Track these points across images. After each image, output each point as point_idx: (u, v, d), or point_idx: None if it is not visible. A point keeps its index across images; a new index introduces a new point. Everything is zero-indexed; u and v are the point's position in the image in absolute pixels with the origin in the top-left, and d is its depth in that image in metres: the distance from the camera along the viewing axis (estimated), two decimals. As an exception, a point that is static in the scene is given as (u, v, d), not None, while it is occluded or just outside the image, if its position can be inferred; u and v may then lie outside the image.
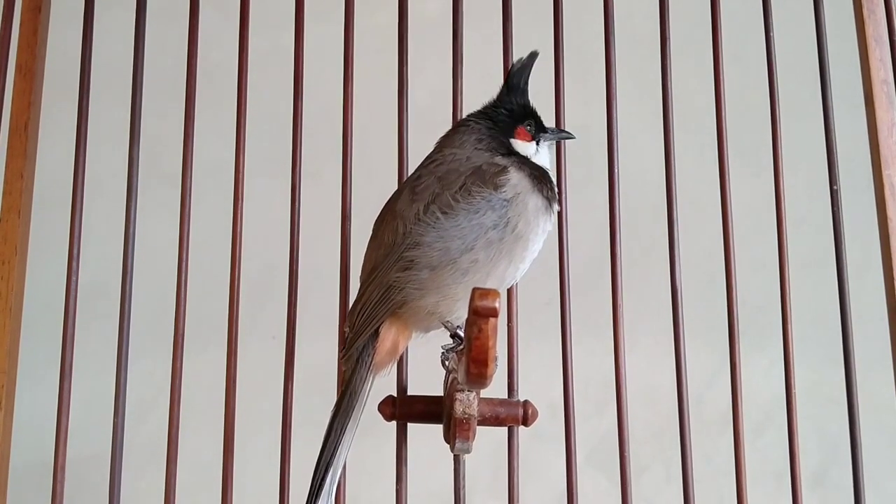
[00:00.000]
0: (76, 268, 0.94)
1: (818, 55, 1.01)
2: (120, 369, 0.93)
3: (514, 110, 0.89)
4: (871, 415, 0.97)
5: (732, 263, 0.95)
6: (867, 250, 1.00)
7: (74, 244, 0.95)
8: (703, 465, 1.01)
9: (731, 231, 0.96)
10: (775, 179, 0.97)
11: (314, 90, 1.00)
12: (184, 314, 0.93)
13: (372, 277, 0.83)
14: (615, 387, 0.92)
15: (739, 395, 0.93)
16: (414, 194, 0.83)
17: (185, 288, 0.94)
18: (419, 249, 0.80)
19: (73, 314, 0.94)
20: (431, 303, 0.80)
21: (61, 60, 1.04)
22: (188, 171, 0.96)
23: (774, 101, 0.99)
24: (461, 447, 0.81)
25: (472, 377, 0.67)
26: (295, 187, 0.96)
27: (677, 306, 0.94)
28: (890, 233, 0.96)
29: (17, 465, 0.97)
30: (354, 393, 0.83)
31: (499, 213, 0.80)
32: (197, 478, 0.97)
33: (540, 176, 0.85)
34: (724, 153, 0.97)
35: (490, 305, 0.63)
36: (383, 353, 0.84)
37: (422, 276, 0.80)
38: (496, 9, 1.00)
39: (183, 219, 0.96)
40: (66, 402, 0.92)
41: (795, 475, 0.93)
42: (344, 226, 0.95)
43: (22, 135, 0.96)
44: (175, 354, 0.92)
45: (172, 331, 0.93)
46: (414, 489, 0.91)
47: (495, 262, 0.80)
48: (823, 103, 1.00)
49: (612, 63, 0.98)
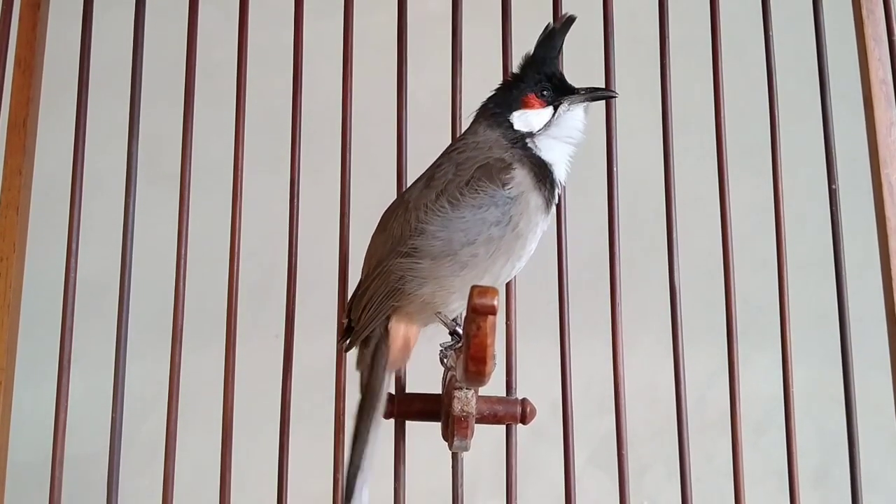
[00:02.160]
0: (75, 264, 0.94)
1: (817, 55, 1.01)
2: (118, 366, 0.93)
3: (528, 77, 0.87)
4: (872, 414, 0.97)
5: (731, 263, 0.95)
6: (869, 250, 1.00)
7: (73, 240, 0.95)
8: (705, 465, 1.01)
9: (729, 231, 0.96)
10: (774, 179, 0.97)
11: (314, 88, 1.00)
12: (182, 311, 0.93)
13: (378, 270, 0.83)
14: (613, 386, 0.92)
15: (737, 395, 0.93)
16: (431, 180, 0.83)
17: (184, 285, 0.94)
18: (423, 238, 0.80)
19: (71, 309, 0.94)
20: (428, 292, 0.80)
21: (61, 57, 1.04)
22: (187, 168, 0.96)
23: (773, 101, 0.99)
24: (459, 445, 0.81)
25: (470, 375, 0.67)
26: (294, 184, 0.96)
27: (675, 306, 0.94)
28: (888, 232, 0.96)
29: (19, 462, 0.97)
30: (374, 394, 0.83)
31: (502, 210, 0.80)
32: (198, 475, 0.97)
33: (541, 173, 0.85)
34: (723, 153, 0.97)
35: (489, 303, 0.63)
36: (396, 350, 0.84)
37: (422, 265, 0.80)
38: (496, 7, 1.00)
39: (182, 216, 0.96)
40: (64, 396, 0.92)
41: (793, 474, 0.93)
42: (343, 223, 0.95)
43: (21, 131, 0.96)
44: (173, 350, 0.93)
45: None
46: (412, 487, 0.91)
47: (494, 259, 0.80)
48: (822, 103, 1.00)
49: (611, 63, 0.98)
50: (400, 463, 0.91)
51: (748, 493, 0.93)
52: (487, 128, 0.87)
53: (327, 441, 0.93)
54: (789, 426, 0.93)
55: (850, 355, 0.95)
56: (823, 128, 0.99)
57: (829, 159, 0.99)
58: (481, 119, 0.87)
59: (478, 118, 0.88)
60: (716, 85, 0.98)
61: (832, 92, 1.00)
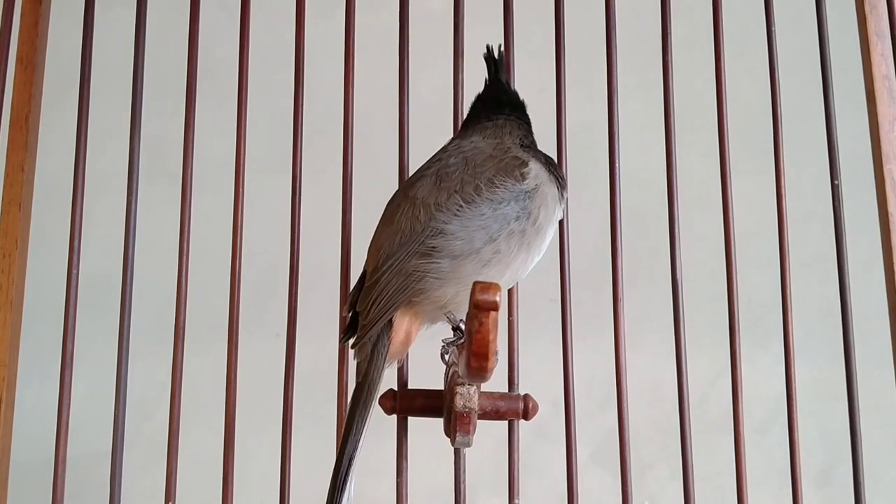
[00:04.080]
0: (77, 261, 0.94)
1: (820, 50, 1.00)
2: (120, 365, 0.93)
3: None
4: (876, 412, 0.97)
5: (733, 261, 0.95)
6: (873, 246, 0.99)
7: (75, 238, 0.95)
8: (708, 464, 1.00)
9: (731, 228, 0.95)
10: (776, 175, 0.97)
11: (315, 86, 1.00)
12: (184, 309, 0.93)
13: (388, 264, 0.82)
14: (615, 384, 0.92)
15: (740, 394, 0.93)
16: (440, 180, 0.83)
17: (186, 283, 0.94)
18: (442, 238, 0.80)
19: (73, 308, 0.94)
20: (450, 293, 0.80)
21: (62, 54, 1.04)
22: (189, 167, 0.96)
23: (776, 97, 0.99)
24: (462, 441, 0.81)
25: (472, 371, 0.67)
26: (296, 183, 0.96)
27: (678, 303, 0.94)
28: (891, 228, 0.96)
29: (21, 462, 0.97)
30: (372, 384, 0.83)
31: (522, 205, 0.81)
32: (201, 474, 0.97)
33: (550, 164, 0.86)
34: (726, 150, 0.97)
35: (491, 299, 0.63)
36: (398, 343, 0.84)
37: (442, 266, 0.79)
38: (498, 5, 1.00)
39: (184, 214, 0.95)
40: (66, 395, 0.92)
41: (795, 473, 0.92)
42: (345, 222, 0.95)
43: (23, 127, 0.96)
44: (176, 349, 0.92)
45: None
46: (414, 483, 0.91)
47: (515, 254, 0.81)
48: (825, 99, 1.00)
49: (613, 60, 0.98)
50: (402, 459, 0.91)
51: (752, 492, 0.92)
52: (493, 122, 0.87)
53: (330, 440, 0.92)
54: (792, 425, 0.93)
55: (853, 353, 0.95)
56: (826, 124, 0.99)
57: (831, 155, 0.99)
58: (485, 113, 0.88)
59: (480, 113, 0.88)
60: (718, 81, 0.98)
61: (835, 88, 1.00)
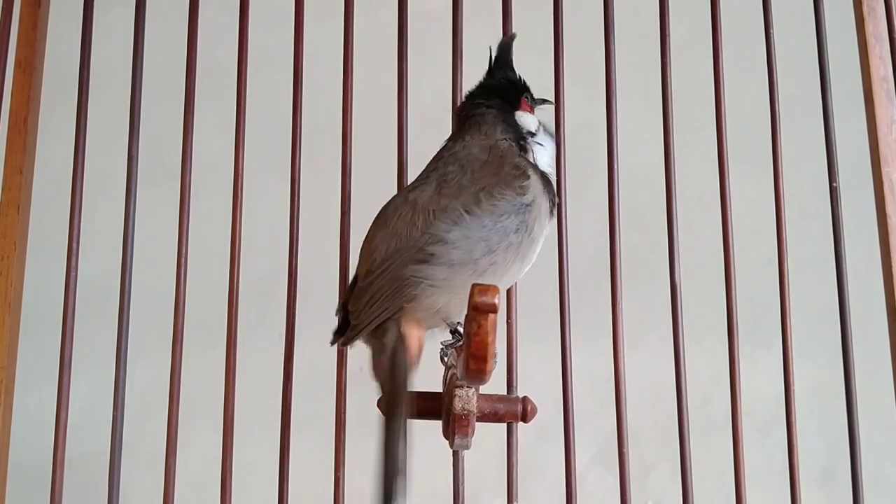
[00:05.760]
0: (75, 263, 0.94)
1: (818, 52, 1.01)
2: (119, 366, 0.93)
3: (512, 82, 0.89)
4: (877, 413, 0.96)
5: (731, 261, 0.95)
6: (873, 247, 0.99)
7: (74, 240, 0.95)
8: (710, 464, 1.00)
9: (730, 229, 0.95)
10: (775, 176, 0.97)
11: (314, 87, 1.00)
12: (183, 311, 0.93)
13: (383, 268, 0.81)
14: (614, 384, 0.92)
15: (738, 394, 0.93)
16: (440, 186, 0.82)
17: (185, 285, 0.94)
18: (442, 246, 0.79)
19: (72, 310, 0.94)
20: (442, 300, 0.79)
21: (61, 56, 1.04)
22: (188, 168, 0.96)
23: (774, 98, 0.99)
24: (460, 443, 0.81)
25: (471, 373, 0.67)
26: (295, 184, 0.96)
27: (676, 303, 0.94)
28: (889, 230, 0.96)
29: (20, 463, 0.97)
30: (402, 399, 0.78)
31: (521, 218, 0.80)
32: (199, 475, 0.97)
33: (545, 178, 0.85)
34: (724, 150, 0.97)
35: (489, 301, 0.63)
36: (414, 355, 0.82)
37: (437, 274, 0.79)
38: (496, 5, 1.00)
39: (182, 215, 0.96)
40: (65, 397, 0.92)
41: (794, 472, 0.93)
42: (344, 223, 0.95)
43: (21, 129, 0.96)
44: (174, 351, 0.92)
45: (172, 328, 0.93)
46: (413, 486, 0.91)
47: (510, 265, 0.80)
48: (823, 100, 1.00)
49: (612, 60, 0.98)
50: (401, 462, 0.91)
51: (755, 492, 0.92)
52: (492, 126, 0.86)
53: (329, 441, 0.92)
54: (790, 425, 0.93)
55: (851, 353, 0.95)
56: (824, 125, 0.99)
57: (829, 157, 0.99)
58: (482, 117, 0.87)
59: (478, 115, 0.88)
60: (716, 82, 0.98)
61: (833, 89, 1.00)
